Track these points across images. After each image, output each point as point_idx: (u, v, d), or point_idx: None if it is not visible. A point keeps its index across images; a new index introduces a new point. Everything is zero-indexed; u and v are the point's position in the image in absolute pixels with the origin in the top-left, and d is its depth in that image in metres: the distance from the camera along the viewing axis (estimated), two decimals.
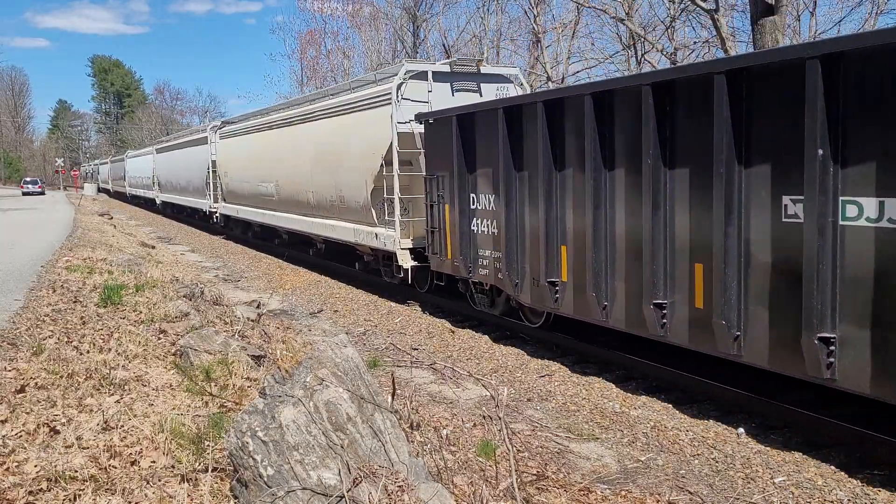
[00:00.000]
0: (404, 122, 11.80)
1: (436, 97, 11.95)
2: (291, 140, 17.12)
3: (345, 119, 14.16)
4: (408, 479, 3.67)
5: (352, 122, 13.72)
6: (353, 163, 13.39)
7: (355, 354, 4.22)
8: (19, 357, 5.86)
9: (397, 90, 11.80)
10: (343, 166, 13.89)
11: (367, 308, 12.54)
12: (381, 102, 12.41)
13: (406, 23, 41.31)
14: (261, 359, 6.87)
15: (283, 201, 17.98)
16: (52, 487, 3.74)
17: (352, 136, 13.56)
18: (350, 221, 14.02)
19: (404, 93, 11.86)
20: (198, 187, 27.16)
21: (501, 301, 10.19)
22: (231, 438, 3.76)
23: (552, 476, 5.23)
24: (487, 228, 9.84)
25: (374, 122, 12.61)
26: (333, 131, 14.55)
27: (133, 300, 8.50)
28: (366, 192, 12.97)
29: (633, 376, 8.04)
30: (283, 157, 17.53)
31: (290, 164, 17.03)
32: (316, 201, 15.66)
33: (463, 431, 6.11)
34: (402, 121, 11.82)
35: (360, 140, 13.17)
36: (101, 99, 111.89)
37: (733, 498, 5.23)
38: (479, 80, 12.29)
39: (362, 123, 13.16)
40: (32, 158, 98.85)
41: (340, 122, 14.34)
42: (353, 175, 13.44)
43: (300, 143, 16.42)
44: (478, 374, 8.20)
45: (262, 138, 19.78)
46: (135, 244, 19.44)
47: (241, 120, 23.74)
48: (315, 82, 47.08)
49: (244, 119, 23.56)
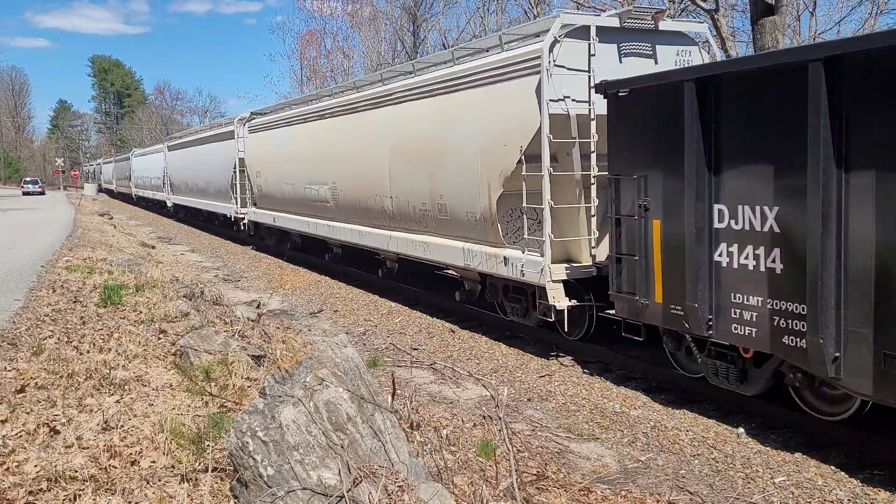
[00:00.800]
0: (558, 100, 8.37)
1: (599, 64, 8.50)
2: (358, 130, 13.50)
3: (450, 99, 10.54)
4: (408, 479, 3.67)
5: (464, 103, 10.16)
6: (465, 159, 9.93)
7: (355, 354, 4.22)
8: (19, 357, 5.87)
9: (549, 51, 8.28)
10: (447, 164, 10.41)
11: (367, 308, 12.53)
12: (519, 71, 8.92)
13: (406, 23, 41.34)
14: (261, 359, 6.88)
15: (342, 208, 14.44)
16: (52, 487, 3.74)
17: (463, 122, 10.03)
18: (457, 239, 10.50)
19: (557, 57, 8.36)
20: (220, 189, 23.62)
21: (764, 375, 6.56)
22: (231, 438, 3.76)
23: (552, 476, 5.23)
24: (758, 260, 6.18)
25: (504, 100, 9.22)
26: (430, 117, 10.98)
27: (133, 300, 8.50)
28: (487, 199, 9.46)
29: (633, 376, 8.04)
30: (345, 152, 13.96)
31: (354, 161, 13.47)
32: (396, 210, 12.05)
33: (463, 431, 6.11)
34: (555, 97, 8.34)
35: (478, 127, 9.70)
36: (101, 99, 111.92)
37: (733, 498, 5.23)
38: (654, 41, 8.89)
39: (483, 103, 9.70)
40: (32, 158, 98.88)
41: (441, 103, 10.74)
42: (465, 176, 9.93)
43: (372, 135, 12.77)
44: (478, 374, 8.20)
45: (310, 130, 16.10)
46: (135, 244, 19.44)
47: (278, 109, 20.10)
48: (315, 82, 47.10)
49: (281, 108, 19.96)
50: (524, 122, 8.70)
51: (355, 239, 14.13)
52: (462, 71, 10.35)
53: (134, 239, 21.59)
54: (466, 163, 9.90)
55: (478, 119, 9.75)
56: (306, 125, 16.42)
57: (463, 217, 10.20)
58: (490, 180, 9.37)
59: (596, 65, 8.53)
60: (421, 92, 11.34)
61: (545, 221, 8.54)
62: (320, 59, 49.57)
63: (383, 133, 12.34)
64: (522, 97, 8.77)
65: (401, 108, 11.95)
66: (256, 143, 20.04)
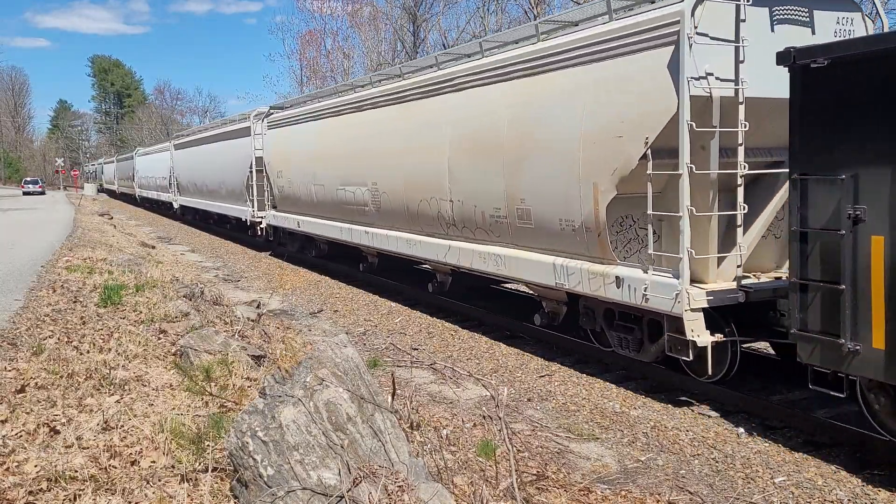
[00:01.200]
0: (699, 78, 6.76)
1: (748, 32, 6.88)
2: (407, 123, 11.58)
3: (535, 82, 8.66)
4: (408, 479, 3.67)
5: (557, 86, 8.30)
6: (558, 155, 8.15)
7: (355, 354, 4.22)
8: (19, 357, 5.87)
9: (691, 15, 6.69)
10: (531, 161, 8.59)
11: (367, 308, 12.53)
12: (644, 43, 7.16)
13: (406, 23, 41.33)
14: (261, 359, 6.88)
15: (384, 213, 12.58)
16: (52, 487, 3.74)
17: (555, 110, 8.24)
18: (544, 252, 8.73)
19: (699, 23, 6.73)
20: (233, 190, 21.89)
21: None
22: (231, 438, 3.76)
23: (552, 476, 5.23)
24: None
25: (620, 80, 7.44)
26: (505, 103, 9.13)
27: (133, 300, 8.51)
28: (593, 203, 7.74)
29: (633, 376, 8.04)
30: (389, 149, 12.05)
31: (402, 159, 11.63)
32: (458, 216, 10.30)
33: (463, 431, 6.11)
34: (696, 75, 6.74)
35: (578, 114, 7.87)
36: (101, 99, 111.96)
37: (733, 498, 5.23)
38: (811, 5, 7.34)
39: (586, 86, 7.86)
40: (32, 158, 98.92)
41: (523, 87, 8.87)
42: (559, 175, 8.17)
43: (425, 128, 10.94)
44: (478, 374, 8.20)
45: (344, 124, 14.04)
46: (135, 244, 19.45)
47: (302, 102, 18.03)
48: (315, 82, 47.11)
49: (305, 101, 17.79)
50: (652, 108, 7.00)
51: (401, 248, 12.08)
52: (554, 48, 8.39)
53: (134, 239, 21.60)
54: (560, 160, 8.12)
55: (577, 105, 7.89)
56: (339, 118, 14.19)
57: (554, 226, 8.38)
58: (597, 181, 7.60)
59: (745, 33, 6.90)
60: (494, 75, 9.40)
61: (683, 233, 6.84)
62: (320, 58, 49.59)
63: (441, 125, 10.42)
64: (649, 75, 7.05)
65: (465, 94, 10.03)
66: (277, 140, 18.02)
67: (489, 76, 9.56)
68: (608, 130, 7.50)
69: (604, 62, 7.64)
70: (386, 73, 13.69)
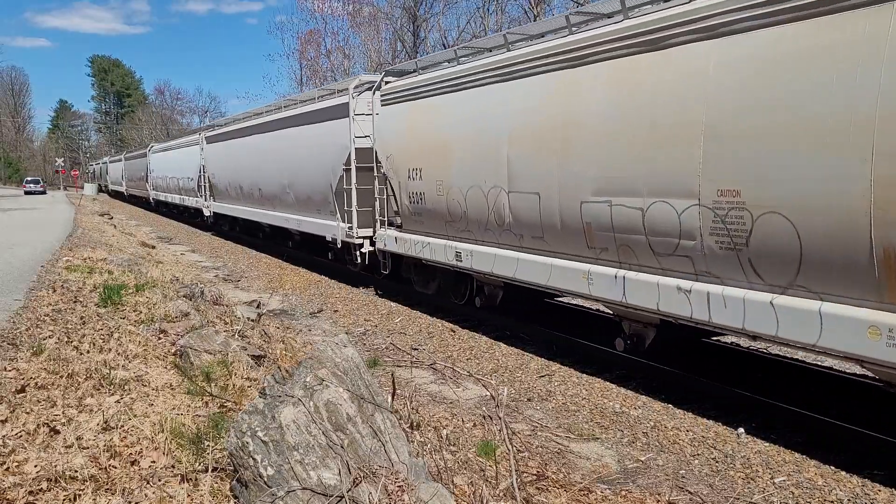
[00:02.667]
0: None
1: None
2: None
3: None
4: (408, 479, 3.67)
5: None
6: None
7: (355, 354, 4.22)
8: (19, 357, 5.86)
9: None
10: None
11: (367, 308, 12.53)
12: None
13: (406, 23, 41.33)
14: (261, 359, 6.88)
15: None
16: (52, 487, 3.74)
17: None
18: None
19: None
20: (308, 197, 15.93)
21: None
22: (231, 438, 3.76)
23: (552, 476, 5.23)
24: None
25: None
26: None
27: (133, 300, 8.50)
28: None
29: (633, 376, 8.04)
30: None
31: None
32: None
33: (463, 431, 6.11)
34: None
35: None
36: (101, 99, 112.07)
37: (733, 498, 5.23)
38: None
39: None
40: (32, 158, 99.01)
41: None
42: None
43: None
44: (478, 373, 8.20)
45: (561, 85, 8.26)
46: (135, 244, 19.45)
47: (429, 66, 11.64)
48: (315, 82, 47.11)
49: (434, 64, 11.59)
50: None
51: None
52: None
53: (134, 239, 21.60)
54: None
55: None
56: (532, 79, 8.72)
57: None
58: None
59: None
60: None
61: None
62: (320, 58, 49.59)
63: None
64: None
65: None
66: (390, 124, 12.02)
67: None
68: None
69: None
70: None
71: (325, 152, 14.48)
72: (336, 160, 13.84)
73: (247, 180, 21.06)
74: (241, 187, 21.86)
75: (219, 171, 24.54)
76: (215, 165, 24.97)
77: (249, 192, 21.00)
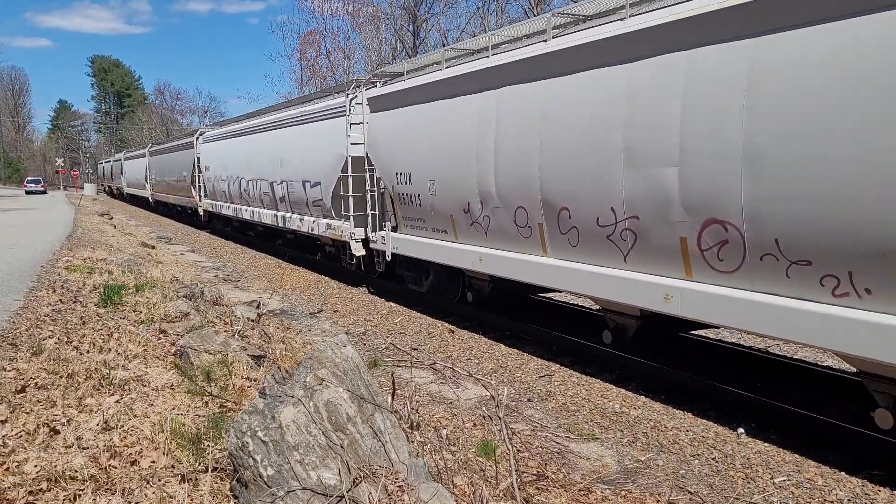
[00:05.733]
0: None
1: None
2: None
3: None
4: (408, 479, 3.67)
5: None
6: None
7: (355, 354, 4.22)
8: (19, 357, 5.86)
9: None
10: None
11: (367, 308, 12.52)
12: None
13: (406, 23, 41.35)
14: (261, 359, 6.87)
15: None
16: (52, 487, 3.74)
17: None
18: None
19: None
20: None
21: None
22: (231, 438, 3.76)
23: (552, 476, 5.23)
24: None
25: None
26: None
27: (133, 300, 8.50)
28: None
29: (633, 376, 8.03)
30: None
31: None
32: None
33: (463, 431, 6.11)
34: None
35: None
36: (101, 99, 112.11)
37: (733, 498, 5.23)
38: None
39: None
40: (32, 158, 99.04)
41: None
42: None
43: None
44: (478, 373, 8.20)
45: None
46: (135, 244, 19.44)
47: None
48: (315, 82, 47.11)
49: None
50: None
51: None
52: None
53: (134, 239, 21.59)
54: None
55: None
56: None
57: None
58: None
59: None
60: None
61: None
62: (320, 58, 49.59)
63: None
64: None
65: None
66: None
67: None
68: None
69: None
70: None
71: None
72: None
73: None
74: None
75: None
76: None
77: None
